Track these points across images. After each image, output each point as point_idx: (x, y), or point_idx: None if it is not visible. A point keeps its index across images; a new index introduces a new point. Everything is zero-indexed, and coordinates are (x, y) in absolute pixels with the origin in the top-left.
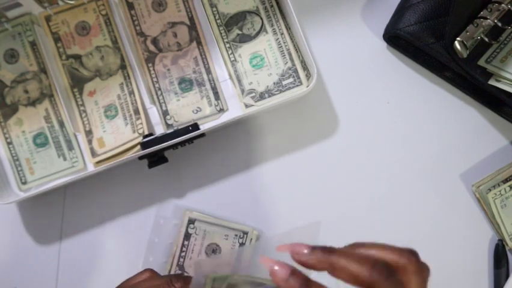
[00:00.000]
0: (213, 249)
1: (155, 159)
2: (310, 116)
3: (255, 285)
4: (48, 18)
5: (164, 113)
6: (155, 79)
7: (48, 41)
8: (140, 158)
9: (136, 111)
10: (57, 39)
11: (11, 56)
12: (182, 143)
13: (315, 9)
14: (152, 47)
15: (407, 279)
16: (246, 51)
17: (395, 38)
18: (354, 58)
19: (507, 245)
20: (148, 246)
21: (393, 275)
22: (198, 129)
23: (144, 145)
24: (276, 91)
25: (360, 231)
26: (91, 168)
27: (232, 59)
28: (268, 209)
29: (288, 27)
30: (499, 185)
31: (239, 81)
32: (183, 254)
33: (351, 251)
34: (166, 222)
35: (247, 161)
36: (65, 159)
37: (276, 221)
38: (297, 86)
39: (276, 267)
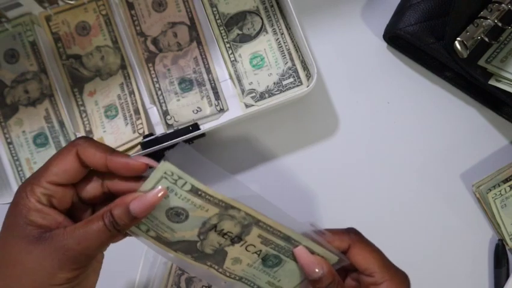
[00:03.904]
0: None
1: (155, 159)
2: (311, 116)
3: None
4: (48, 18)
5: (165, 113)
6: (155, 79)
7: (48, 41)
8: None
9: (136, 111)
10: (57, 39)
11: (11, 56)
12: None
13: (315, 9)
14: (152, 47)
15: None
16: (246, 51)
17: (395, 38)
18: (354, 58)
19: (507, 244)
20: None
21: None
22: (198, 129)
23: (144, 145)
24: (276, 91)
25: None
26: None
27: (232, 59)
28: None
29: (288, 27)
30: (499, 185)
31: (239, 81)
32: None
33: None
34: None
35: (246, 161)
36: None
37: None
38: (297, 86)
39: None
